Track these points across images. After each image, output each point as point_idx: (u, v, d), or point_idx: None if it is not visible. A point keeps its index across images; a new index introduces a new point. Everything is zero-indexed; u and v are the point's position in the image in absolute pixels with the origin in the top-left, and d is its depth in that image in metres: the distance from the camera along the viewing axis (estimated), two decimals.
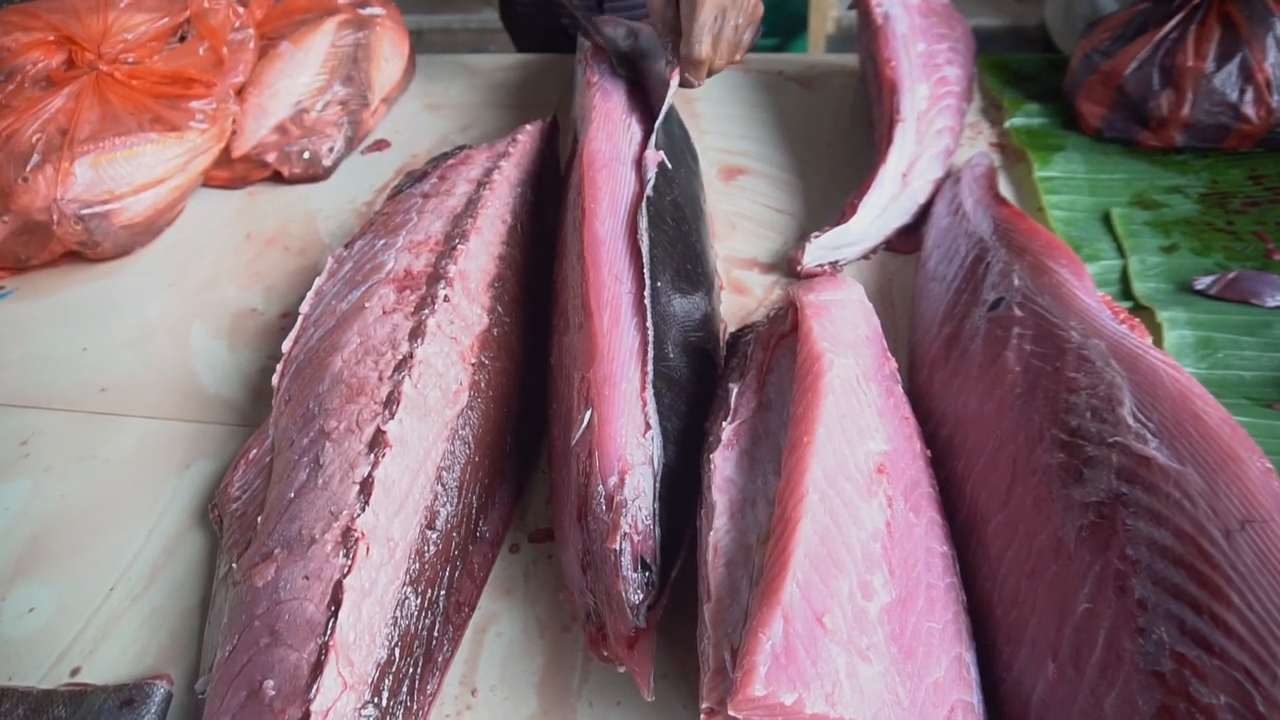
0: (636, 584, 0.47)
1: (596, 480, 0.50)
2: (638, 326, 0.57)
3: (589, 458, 0.51)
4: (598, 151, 0.72)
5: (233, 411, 0.72)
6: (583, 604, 0.51)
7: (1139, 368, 0.50)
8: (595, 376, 0.54)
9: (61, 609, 0.58)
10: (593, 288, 0.60)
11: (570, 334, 0.61)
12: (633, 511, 0.48)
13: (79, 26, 0.93)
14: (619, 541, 0.47)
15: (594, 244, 0.63)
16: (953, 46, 0.92)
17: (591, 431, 0.52)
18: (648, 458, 0.51)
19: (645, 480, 0.50)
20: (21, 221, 0.85)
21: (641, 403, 0.53)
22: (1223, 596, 0.39)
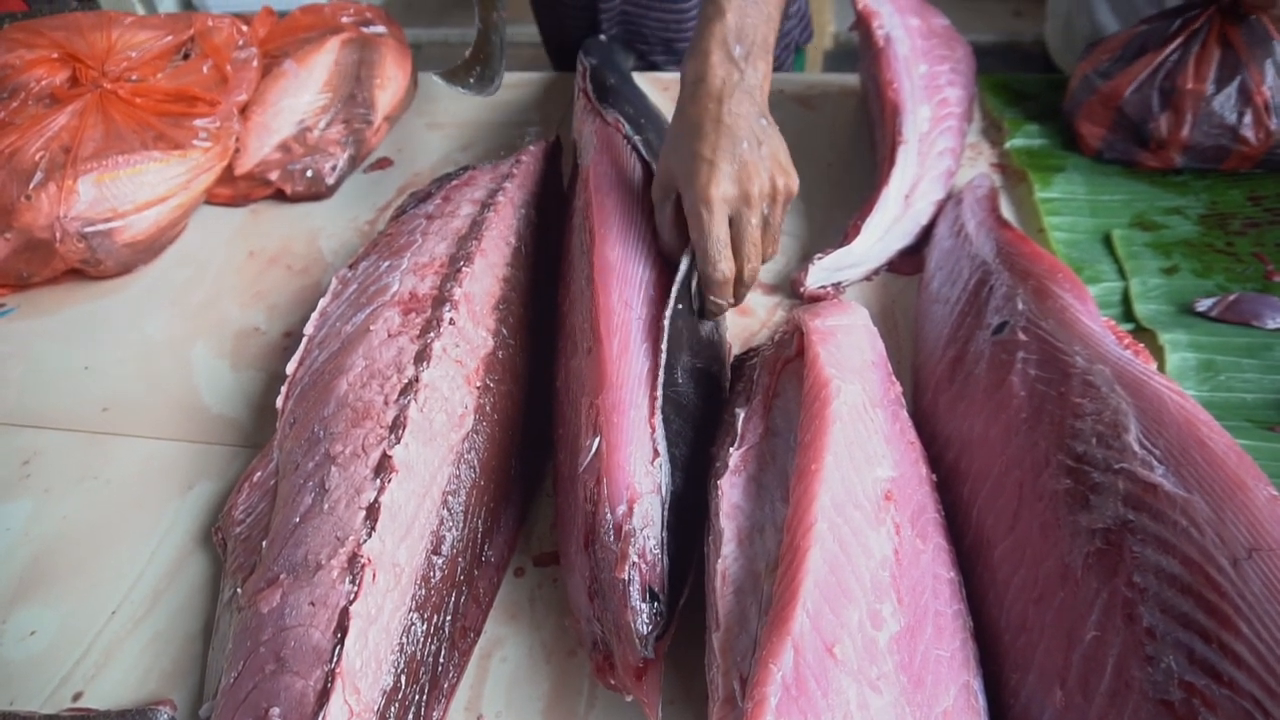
0: (645, 614, 0.47)
1: (604, 508, 0.50)
2: (647, 353, 0.57)
3: (597, 485, 0.51)
4: (603, 175, 0.72)
5: (236, 432, 0.71)
6: (589, 632, 0.51)
7: (1144, 394, 0.50)
8: (604, 403, 0.54)
9: (63, 632, 0.58)
10: (602, 313, 0.59)
11: (578, 359, 0.61)
12: (641, 540, 0.48)
13: (83, 44, 0.93)
14: (627, 571, 0.47)
15: (604, 269, 0.63)
16: (954, 68, 0.92)
17: (600, 458, 0.52)
18: (656, 486, 0.51)
19: (654, 509, 0.50)
20: (24, 239, 0.84)
21: (650, 429, 0.53)
22: (1231, 625, 0.39)
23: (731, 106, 0.62)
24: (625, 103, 0.84)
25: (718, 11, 0.64)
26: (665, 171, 0.65)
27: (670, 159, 0.64)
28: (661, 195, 0.65)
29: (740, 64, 0.63)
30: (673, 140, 0.64)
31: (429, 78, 1.20)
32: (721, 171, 0.60)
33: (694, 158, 0.61)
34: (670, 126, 0.66)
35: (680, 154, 0.62)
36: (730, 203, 0.61)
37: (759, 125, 0.63)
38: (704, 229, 0.61)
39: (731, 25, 0.64)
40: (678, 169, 0.63)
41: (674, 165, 0.63)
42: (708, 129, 0.61)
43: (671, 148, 0.64)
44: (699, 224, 0.61)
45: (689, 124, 0.62)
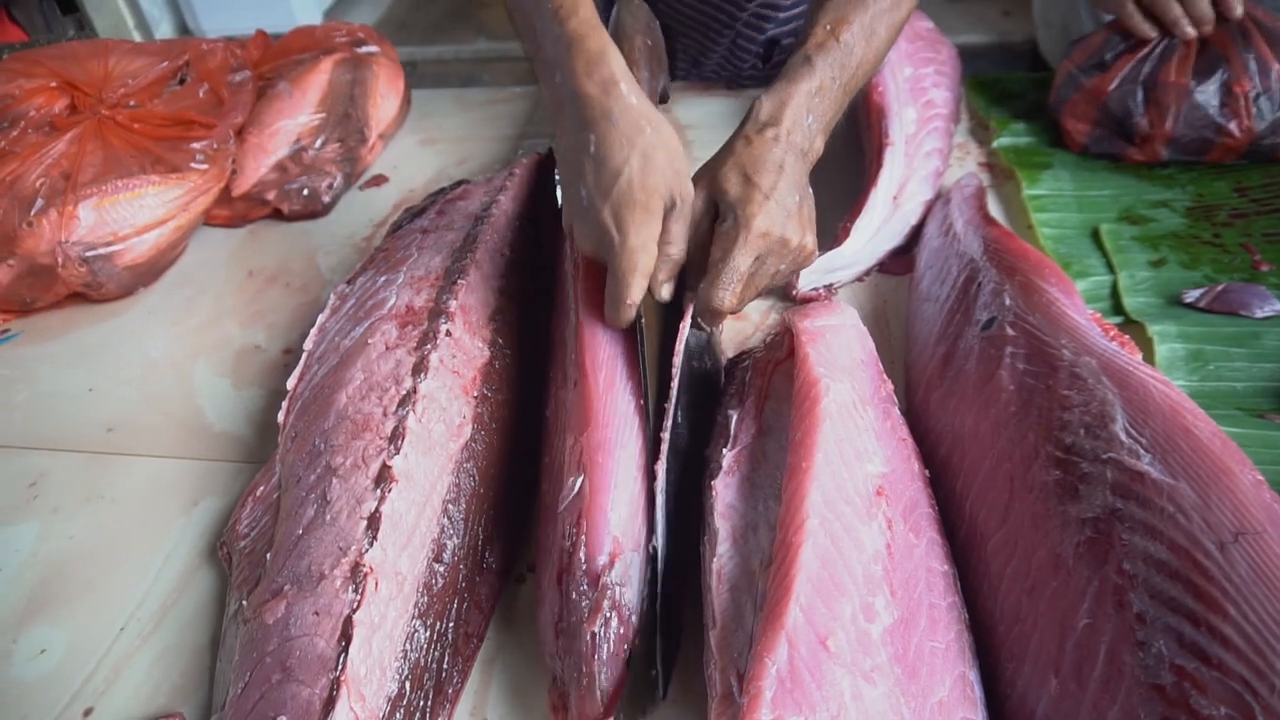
0: (612, 672, 0.46)
1: (581, 553, 0.48)
2: (635, 390, 0.55)
3: (576, 525, 0.49)
4: None
5: (239, 448, 0.72)
6: (550, 667, 0.49)
7: (1129, 384, 0.51)
8: (588, 442, 0.52)
9: (73, 650, 0.59)
10: (587, 348, 0.57)
11: (566, 389, 0.59)
12: (614, 595, 0.47)
13: (81, 72, 0.95)
14: (599, 623, 0.46)
15: (589, 301, 0.61)
16: (939, 69, 0.93)
17: (581, 499, 0.50)
18: (637, 544, 0.49)
19: (635, 567, 0.48)
20: (26, 265, 0.86)
21: (642, 475, 0.51)
22: (1219, 609, 0.40)
23: (792, 161, 0.63)
24: None
25: (809, 70, 0.65)
26: (712, 184, 0.63)
27: (723, 176, 0.62)
28: (701, 205, 0.63)
29: (810, 132, 0.65)
30: (728, 160, 0.63)
31: (422, 95, 1.22)
32: (773, 211, 0.60)
33: (753, 187, 0.60)
34: (722, 149, 0.65)
35: (736, 176, 0.61)
36: (765, 242, 0.60)
37: (806, 191, 0.64)
38: (731, 255, 0.59)
39: (817, 88, 0.65)
40: (730, 188, 0.61)
41: (726, 182, 0.62)
42: (770, 168, 0.61)
43: (727, 166, 0.62)
44: (730, 246, 0.60)
45: (752, 156, 0.62)
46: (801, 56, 0.66)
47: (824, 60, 0.65)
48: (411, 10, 4.19)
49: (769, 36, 1.11)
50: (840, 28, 0.67)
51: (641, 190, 0.56)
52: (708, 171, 0.63)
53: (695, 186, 0.62)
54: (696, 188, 0.62)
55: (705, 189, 0.63)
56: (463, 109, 1.20)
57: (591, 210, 0.58)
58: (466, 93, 1.24)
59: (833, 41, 0.66)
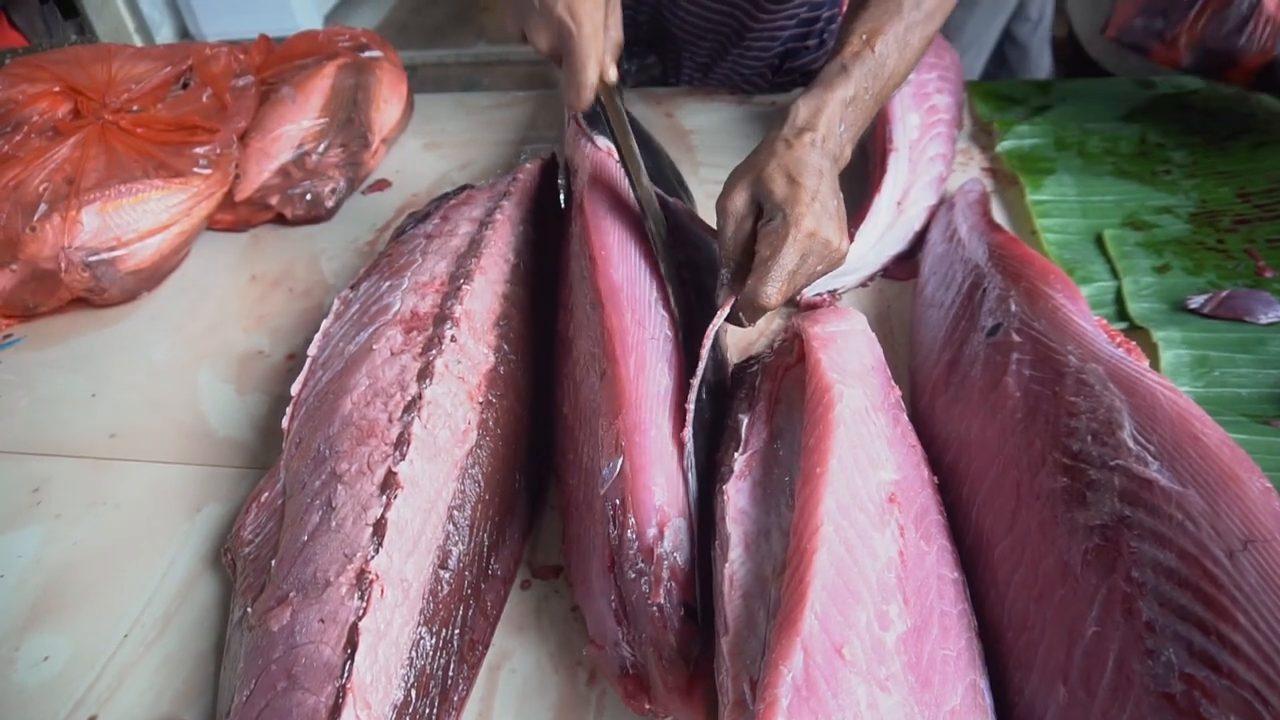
0: (685, 634, 0.47)
1: (630, 531, 0.49)
2: (664, 371, 0.57)
3: (621, 507, 0.51)
4: (599, 201, 0.72)
5: (242, 454, 0.72)
6: (617, 657, 0.50)
7: (1137, 390, 0.51)
8: (624, 424, 0.54)
9: (76, 657, 0.58)
10: (616, 335, 0.59)
11: (590, 384, 0.61)
12: (671, 562, 0.48)
13: (84, 77, 0.95)
14: (663, 594, 0.47)
15: (610, 291, 0.63)
16: (942, 75, 0.93)
17: (624, 479, 0.51)
18: (683, 508, 0.51)
19: (683, 532, 0.50)
20: (30, 270, 0.85)
21: (677, 448, 0.53)
22: (1229, 617, 0.40)
23: (829, 166, 0.64)
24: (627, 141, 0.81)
25: (845, 79, 0.66)
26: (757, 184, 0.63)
27: (769, 176, 0.63)
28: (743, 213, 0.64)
29: (841, 140, 0.66)
30: (772, 161, 0.63)
31: (425, 99, 1.22)
32: (818, 212, 0.61)
33: (800, 188, 0.61)
34: (762, 149, 0.65)
35: (781, 177, 0.62)
36: (811, 242, 0.61)
37: (840, 195, 0.65)
38: (780, 253, 0.60)
39: (851, 98, 0.66)
40: (777, 189, 0.62)
41: (772, 183, 0.62)
42: (812, 171, 0.62)
43: (771, 167, 0.63)
44: (780, 244, 0.60)
45: (795, 159, 0.63)
46: (838, 65, 0.67)
47: (859, 69, 0.66)
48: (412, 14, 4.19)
49: (783, 49, 1.12)
50: (875, 37, 0.67)
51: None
52: (750, 170, 0.64)
53: (735, 184, 0.64)
54: (737, 185, 0.64)
55: (748, 188, 0.63)
56: (465, 113, 1.20)
57: (545, 7, 0.63)
58: (469, 97, 1.24)
59: (868, 51, 0.67)
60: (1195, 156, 0.92)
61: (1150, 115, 0.99)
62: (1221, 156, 0.91)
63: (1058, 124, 0.99)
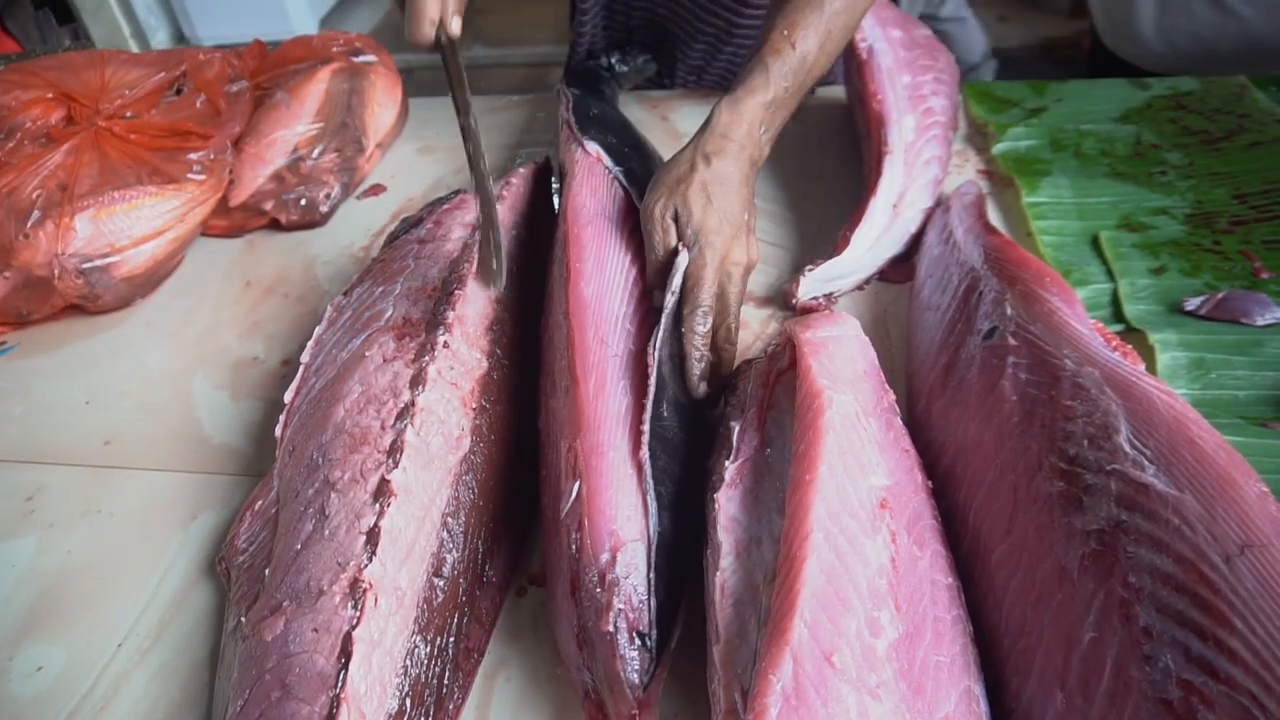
0: (634, 663, 0.46)
1: (589, 556, 0.49)
2: (625, 390, 0.56)
3: (579, 531, 0.50)
4: (581, 207, 0.71)
5: (237, 461, 0.72)
6: (580, 681, 0.50)
7: (1133, 394, 0.50)
8: (582, 446, 0.53)
9: (70, 666, 0.58)
10: (578, 352, 0.58)
11: (556, 398, 0.60)
12: (626, 589, 0.48)
13: (77, 83, 0.94)
14: (613, 621, 0.47)
15: (579, 306, 0.62)
16: (937, 77, 0.93)
17: (581, 503, 0.51)
18: (640, 531, 0.50)
19: (638, 555, 0.49)
20: (23, 277, 0.85)
21: (635, 469, 0.52)
22: (1226, 622, 0.39)
23: (746, 172, 0.67)
24: (608, 133, 0.82)
25: (765, 81, 0.68)
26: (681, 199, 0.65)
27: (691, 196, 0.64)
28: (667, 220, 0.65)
29: (762, 143, 0.69)
30: (693, 178, 0.65)
31: (420, 103, 1.22)
32: (744, 239, 0.65)
33: (725, 217, 0.64)
34: (683, 161, 0.67)
35: (700, 197, 0.64)
36: (725, 266, 0.64)
37: (753, 204, 0.69)
38: (702, 283, 0.62)
39: (771, 100, 0.68)
40: (695, 210, 0.64)
41: (692, 203, 0.64)
42: (729, 188, 0.65)
43: (693, 187, 0.65)
44: (702, 276, 0.62)
45: (714, 174, 0.65)
46: (760, 64, 0.69)
47: (780, 69, 0.69)
48: None
49: None
50: (796, 33, 0.69)
51: None
52: (673, 183, 0.66)
53: (658, 193, 0.66)
54: (659, 195, 0.66)
55: (670, 200, 0.65)
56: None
57: None
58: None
59: (789, 49, 0.69)
60: (1191, 158, 0.92)
61: (1145, 116, 0.99)
62: (1217, 157, 0.91)
63: (1053, 125, 0.99)
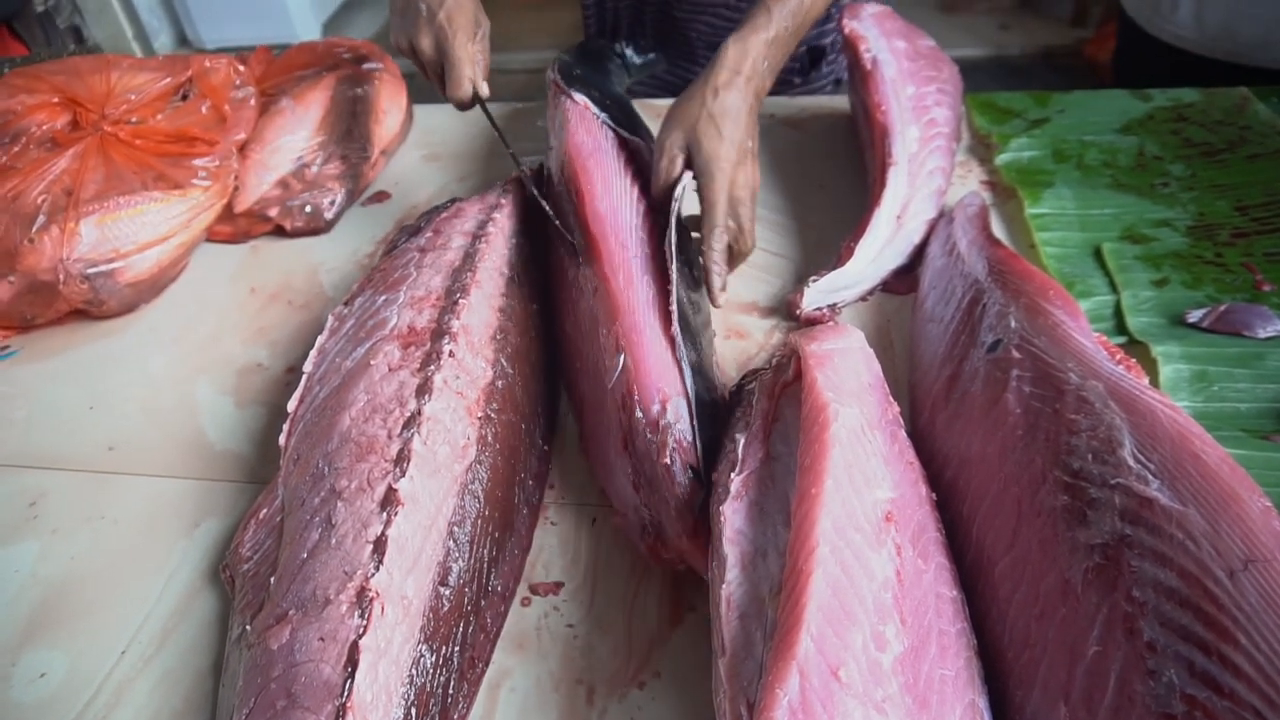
0: (689, 490, 0.55)
1: (637, 412, 0.59)
2: (647, 284, 0.67)
3: (628, 394, 0.60)
4: (580, 144, 0.80)
5: (241, 468, 0.72)
6: (637, 520, 0.59)
7: (1137, 409, 0.51)
8: (622, 327, 0.63)
9: (73, 673, 0.58)
10: (604, 256, 0.69)
11: (585, 301, 0.70)
12: (676, 433, 0.57)
13: (83, 88, 0.95)
14: (669, 456, 0.56)
15: (597, 220, 0.72)
16: (941, 88, 0.94)
17: (628, 372, 0.61)
18: (679, 389, 0.60)
19: (681, 407, 0.59)
20: (27, 282, 0.85)
21: (669, 342, 0.63)
22: (1230, 637, 0.40)
23: (751, 103, 0.75)
24: (591, 87, 0.91)
25: (767, 21, 0.76)
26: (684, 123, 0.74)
27: (701, 129, 0.72)
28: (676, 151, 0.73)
29: (764, 77, 0.76)
30: (702, 113, 0.73)
31: (424, 110, 1.22)
32: (750, 164, 0.73)
33: (733, 144, 0.72)
34: (695, 95, 0.74)
35: (711, 129, 0.72)
36: (734, 189, 0.72)
37: (755, 133, 0.76)
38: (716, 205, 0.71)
39: (773, 38, 0.76)
40: (706, 142, 0.72)
41: (703, 135, 0.72)
42: (736, 118, 0.73)
43: (702, 120, 0.73)
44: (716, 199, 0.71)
45: (723, 107, 0.73)
46: (763, 7, 0.77)
47: (780, 10, 0.77)
48: None
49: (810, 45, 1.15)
50: None
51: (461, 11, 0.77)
52: (684, 116, 0.74)
53: (672, 125, 0.75)
54: (674, 127, 0.74)
55: (683, 132, 0.73)
56: (464, 124, 1.20)
57: (431, 17, 0.77)
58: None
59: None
60: (1193, 169, 0.92)
61: (1147, 128, 1.00)
62: (1219, 169, 0.91)
63: (1056, 136, 0.99)
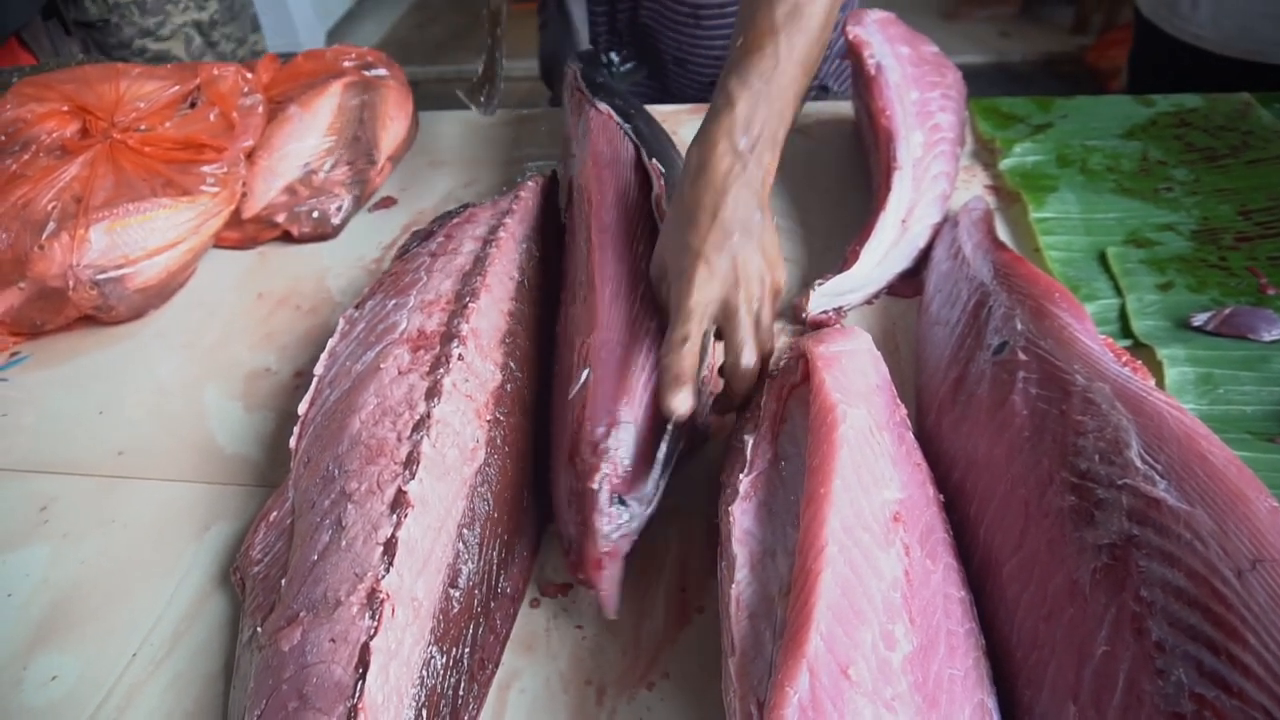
0: (609, 518, 0.54)
1: (586, 429, 0.57)
2: (634, 301, 0.65)
3: (582, 409, 0.58)
4: (601, 152, 0.81)
5: (250, 472, 0.72)
6: (565, 534, 0.58)
7: (1144, 410, 0.51)
8: (594, 341, 0.62)
9: (84, 677, 0.58)
10: (597, 266, 0.67)
11: (575, 307, 0.69)
12: (614, 459, 0.56)
13: (92, 96, 0.95)
14: (598, 481, 0.54)
15: (600, 229, 0.71)
16: (944, 93, 0.94)
17: (586, 388, 0.59)
18: (634, 416, 0.58)
19: (629, 435, 0.57)
20: (37, 288, 0.86)
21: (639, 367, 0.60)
22: (1239, 637, 0.40)
23: (729, 199, 0.62)
24: (614, 96, 0.90)
25: (727, 103, 0.65)
26: (659, 256, 0.65)
27: (665, 244, 0.64)
28: (658, 277, 0.65)
29: (745, 156, 0.63)
30: (669, 225, 0.65)
31: (429, 117, 1.23)
32: (708, 270, 0.60)
33: (685, 250, 0.61)
34: (670, 209, 0.66)
35: (675, 242, 0.63)
36: (713, 304, 0.60)
37: (755, 220, 0.63)
38: (672, 330, 0.59)
39: (740, 117, 0.64)
40: (670, 259, 0.63)
41: (667, 253, 0.64)
42: (703, 221, 0.61)
43: (667, 233, 0.65)
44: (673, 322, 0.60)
45: (685, 213, 0.63)
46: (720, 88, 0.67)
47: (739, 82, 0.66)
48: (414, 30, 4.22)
49: None
50: None
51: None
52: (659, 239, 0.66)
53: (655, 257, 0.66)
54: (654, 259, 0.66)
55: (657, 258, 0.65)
56: (470, 130, 1.21)
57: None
58: (474, 114, 1.25)
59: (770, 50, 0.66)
60: (1196, 174, 0.92)
61: (1150, 133, 1.00)
62: (1222, 174, 0.92)
63: (1059, 141, 1.00)
